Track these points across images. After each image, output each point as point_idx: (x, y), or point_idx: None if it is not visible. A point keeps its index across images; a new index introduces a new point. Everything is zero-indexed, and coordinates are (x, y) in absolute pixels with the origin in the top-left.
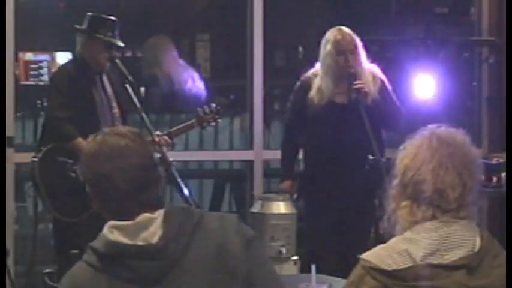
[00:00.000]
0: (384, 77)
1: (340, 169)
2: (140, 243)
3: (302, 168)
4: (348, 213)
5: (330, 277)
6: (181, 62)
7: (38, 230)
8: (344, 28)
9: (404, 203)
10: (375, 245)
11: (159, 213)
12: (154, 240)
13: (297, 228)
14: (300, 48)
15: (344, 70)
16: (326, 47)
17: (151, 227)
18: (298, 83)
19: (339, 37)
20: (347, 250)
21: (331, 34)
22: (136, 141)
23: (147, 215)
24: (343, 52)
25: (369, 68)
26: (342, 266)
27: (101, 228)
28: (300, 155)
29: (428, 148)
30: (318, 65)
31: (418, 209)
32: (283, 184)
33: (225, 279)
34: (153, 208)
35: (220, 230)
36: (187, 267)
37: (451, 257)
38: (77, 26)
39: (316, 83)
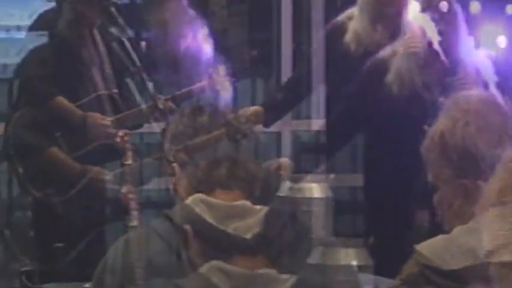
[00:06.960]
0: (435, 34)
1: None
2: (230, 231)
3: None
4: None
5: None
6: (189, 11)
7: (14, 219)
8: None
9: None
10: (430, 236)
11: (261, 208)
12: (248, 235)
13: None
14: None
15: (385, 7)
16: None
17: (250, 219)
18: (327, 28)
19: None
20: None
21: None
22: None
23: (247, 203)
24: None
25: (418, 22)
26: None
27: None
28: None
29: None
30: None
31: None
32: None
33: None
34: (241, 189)
35: None
36: None
37: None
38: None
39: (352, 26)
